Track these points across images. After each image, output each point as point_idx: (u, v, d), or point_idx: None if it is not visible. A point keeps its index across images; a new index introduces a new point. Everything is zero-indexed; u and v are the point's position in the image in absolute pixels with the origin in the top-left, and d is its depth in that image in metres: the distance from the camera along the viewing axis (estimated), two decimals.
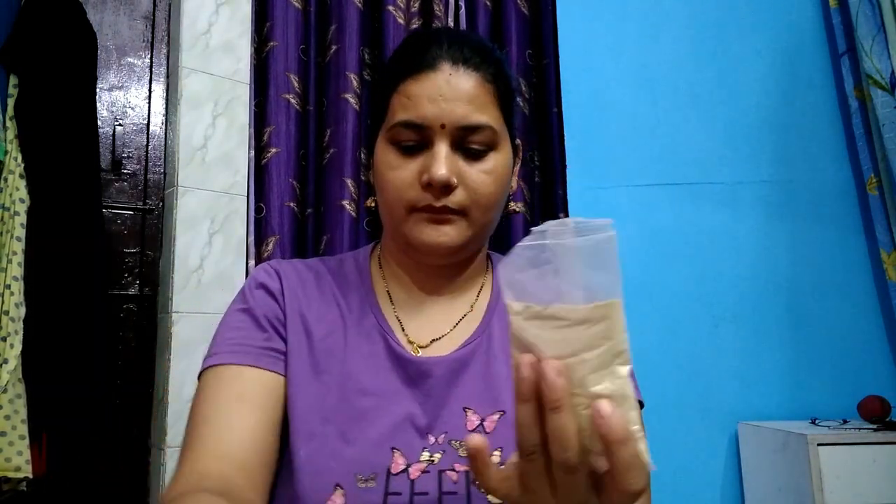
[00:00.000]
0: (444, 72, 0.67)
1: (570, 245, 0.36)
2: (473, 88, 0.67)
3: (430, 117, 0.65)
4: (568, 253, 0.36)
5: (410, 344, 0.70)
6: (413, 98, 0.67)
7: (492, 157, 0.68)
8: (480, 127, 0.66)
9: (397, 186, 0.67)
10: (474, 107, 0.66)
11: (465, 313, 0.74)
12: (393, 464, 0.62)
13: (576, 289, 0.36)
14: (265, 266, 0.74)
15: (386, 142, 0.69)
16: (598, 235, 0.36)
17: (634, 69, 2.05)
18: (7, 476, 1.24)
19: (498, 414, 0.66)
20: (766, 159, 2.06)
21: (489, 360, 0.69)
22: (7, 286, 1.29)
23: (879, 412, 1.71)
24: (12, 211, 1.33)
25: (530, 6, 1.96)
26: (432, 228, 0.66)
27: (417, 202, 0.66)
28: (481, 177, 0.67)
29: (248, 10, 1.70)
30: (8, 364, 1.26)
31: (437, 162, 0.65)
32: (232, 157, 1.63)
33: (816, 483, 1.52)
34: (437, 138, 0.66)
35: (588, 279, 0.36)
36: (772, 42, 2.12)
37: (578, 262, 0.36)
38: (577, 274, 0.36)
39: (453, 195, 0.66)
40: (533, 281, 0.37)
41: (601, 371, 0.36)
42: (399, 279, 0.75)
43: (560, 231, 0.37)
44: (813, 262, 2.01)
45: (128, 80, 1.68)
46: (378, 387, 0.66)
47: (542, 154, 1.91)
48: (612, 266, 0.36)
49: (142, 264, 1.61)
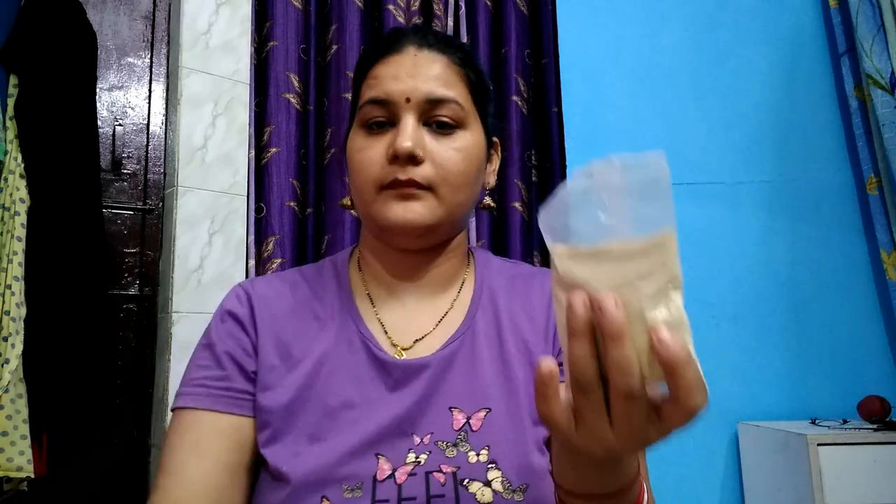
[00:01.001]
0: (409, 53, 0.69)
1: (619, 182, 0.36)
2: (439, 68, 0.68)
3: (394, 92, 0.66)
4: (616, 189, 0.36)
5: (394, 347, 0.69)
6: (379, 78, 0.68)
7: (460, 135, 0.68)
8: (446, 100, 0.67)
9: (366, 166, 0.67)
10: (440, 83, 0.67)
11: (447, 310, 0.72)
12: (378, 471, 0.61)
13: (627, 222, 0.36)
14: (237, 290, 0.73)
15: (356, 127, 0.70)
16: (648, 168, 0.36)
17: (634, 69, 2.05)
18: (9, 476, 1.24)
19: (484, 411, 0.65)
20: (765, 159, 2.06)
21: (474, 358, 0.68)
22: (7, 286, 1.29)
23: (879, 412, 1.71)
24: (12, 211, 1.33)
25: (530, 6, 1.96)
26: (400, 206, 0.65)
27: (384, 178, 0.66)
28: (449, 152, 0.67)
29: (248, 10, 1.70)
30: (9, 364, 1.26)
31: (402, 133, 0.65)
32: (232, 157, 1.63)
33: (816, 483, 1.52)
34: (402, 113, 0.66)
35: (639, 211, 0.35)
36: (772, 42, 2.12)
37: (627, 197, 0.36)
38: (627, 208, 0.36)
39: (420, 168, 0.65)
40: (579, 222, 0.37)
41: (657, 298, 0.36)
42: (377, 275, 0.74)
43: (606, 170, 0.37)
44: (813, 262, 2.01)
45: (128, 80, 1.68)
46: (363, 398, 0.65)
47: (542, 154, 1.91)
48: (664, 197, 0.36)
49: (142, 264, 1.61)
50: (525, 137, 1.87)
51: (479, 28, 1.88)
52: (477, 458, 0.62)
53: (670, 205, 0.36)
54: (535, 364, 0.39)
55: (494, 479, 0.61)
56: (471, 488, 0.60)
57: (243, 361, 0.67)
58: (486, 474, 0.61)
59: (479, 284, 0.75)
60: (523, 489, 0.61)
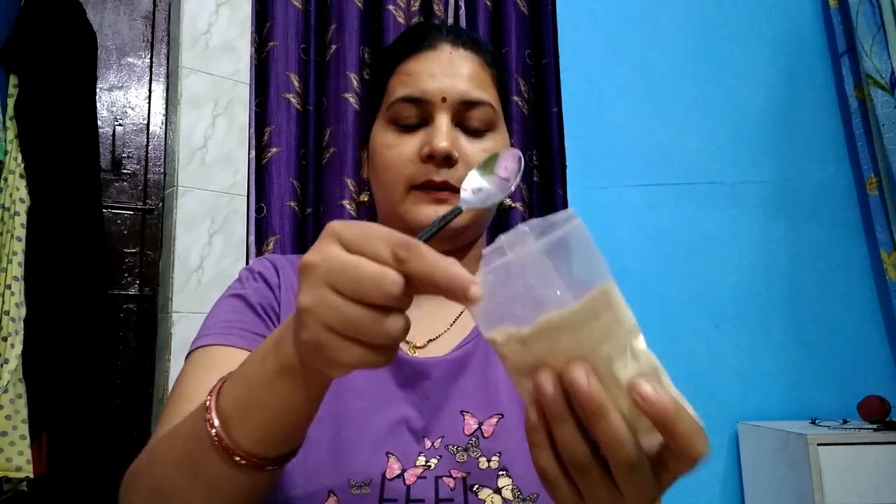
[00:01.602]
0: (444, 51, 0.67)
1: (536, 250, 0.33)
2: (474, 68, 0.67)
3: (431, 90, 0.65)
4: (536, 259, 0.33)
5: (407, 344, 0.68)
6: (413, 74, 0.66)
7: (491, 138, 0.67)
8: (481, 103, 0.66)
9: (396, 163, 0.65)
10: (475, 84, 0.66)
11: (462, 311, 0.71)
12: (388, 469, 0.60)
13: (561, 289, 0.33)
14: (262, 259, 0.71)
15: (384, 123, 0.68)
16: (562, 228, 0.34)
17: (634, 69, 2.05)
18: (8, 476, 1.24)
19: (496, 417, 0.63)
20: (765, 159, 2.06)
21: (487, 361, 0.67)
22: (7, 286, 1.29)
23: (879, 412, 1.71)
24: (12, 211, 1.33)
25: (530, 6, 1.96)
26: (431, 208, 0.64)
27: (416, 177, 0.64)
28: (482, 155, 0.65)
29: (248, 10, 1.70)
30: (9, 364, 1.26)
31: (440, 133, 0.63)
32: (232, 157, 1.63)
33: (816, 483, 1.52)
34: (437, 112, 0.65)
35: (568, 276, 0.33)
36: (772, 42, 2.12)
37: (549, 264, 0.33)
38: (554, 274, 0.33)
39: (454, 170, 0.64)
40: (507, 303, 0.34)
41: (622, 354, 0.34)
42: None
43: (517, 240, 0.35)
44: (813, 262, 2.01)
45: (128, 80, 1.68)
46: (373, 388, 0.63)
47: (542, 154, 1.91)
48: (588, 253, 0.34)
49: (142, 264, 1.61)
50: (525, 137, 1.87)
51: (479, 28, 1.88)
52: (488, 464, 0.61)
53: (598, 256, 0.34)
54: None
55: (505, 486, 0.60)
56: (480, 494, 0.59)
57: (272, 316, 0.66)
58: (497, 481, 0.60)
59: None
60: (534, 498, 0.59)
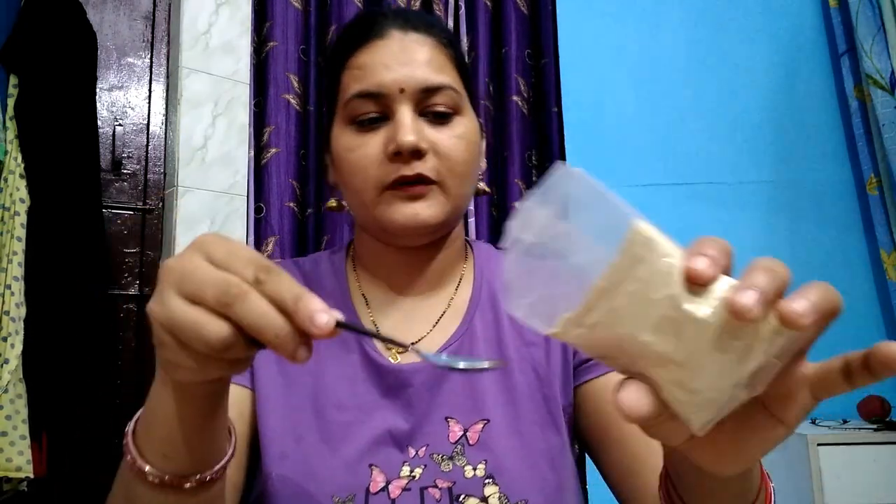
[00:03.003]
0: (394, 38, 0.63)
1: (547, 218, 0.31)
2: (429, 51, 0.63)
3: (387, 83, 0.60)
4: (552, 228, 0.31)
5: (388, 350, 0.65)
6: (365, 67, 0.62)
7: (458, 122, 0.63)
8: (442, 87, 0.62)
9: (363, 166, 0.61)
10: (432, 68, 0.62)
11: (444, 310, 0.68)
12: (372, 482, 0.58)
13: (591, 251, 0.30)
14: None
15: (343, 123, 0.63)
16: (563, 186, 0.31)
17: (634, 69, 2.05)
18: (8, 476, 1.24)
19: (482, 423, 0.61)
20: (765, 159, 2.06)
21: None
22: (7, 286, 1.29)
23: (879, 412, 1.71)
24: (12, 211, 1.33)
25: (530, 6, 1.96)
26: (407, 206, 0.60)
27: (387, 177, 0.60)
28: (453, 141, 0.62)
29: (248, 10, 1.70)
30: (9, 364, 1.26)
31: (403, 127, 0.59)
32: (232, 157, 1.63)
33: (816, 483, 1.52)
34: (397, 105, 0.61)
35: (594, 231, 0.31)
36: (772, 42, 2.12)
37: (569, 227, 0.31)
38: (580, 237, 0.31)
39: (424, 162, 0.60)
40: (547, 288, 0.31)
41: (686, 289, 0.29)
42: (373, 275, 0.69)
43: (525, 219, 0.32)
44: (813, 261, 2.00)
45: (128, 80, 1.68)
46: (355, 399, 0.61)
47: (542, 154, 1.91)
48: (601, 199, 0.31)
49: (142, 264, 1.61)
50: (525, 137, 1.87)
51: (479, 28, 1.88)
52: (474, 472, 0.59)
53: (613, 198, 0.31)
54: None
55: (491, 494, 0.58)
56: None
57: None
58: (483, 490, 0.58)
59: (477, 282, 0.70)
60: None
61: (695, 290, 0.29)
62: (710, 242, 0.31)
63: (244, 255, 0.35)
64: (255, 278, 0.34)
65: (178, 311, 0.34)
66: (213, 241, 0.36)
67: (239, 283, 0.33)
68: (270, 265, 0.35)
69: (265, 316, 0.33)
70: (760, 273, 0.29)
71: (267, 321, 0.33)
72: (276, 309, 0.33)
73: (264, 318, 0.33)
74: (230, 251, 0.35)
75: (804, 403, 0.32)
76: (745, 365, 0.29)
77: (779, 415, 0.32)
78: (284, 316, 0.33)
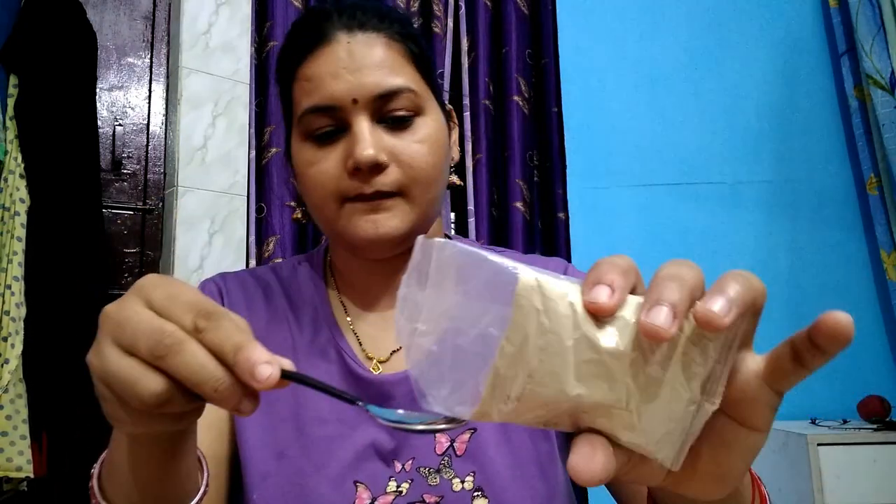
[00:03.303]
0: (341, 42, 0.58)
1: (432, 300, 0.29)
2: (379, 51, 0.58)
3: (337, 95, 0.57)
4: (440, 307, 0.29)
5: (370, 360, 0.63)
6: (314, 79, 0.58)
7: (420, 124, 0.59)
8: (398, 91, 0.58)
9: (322, 182, 0.58)
10: (385, 70, 0.58)
11: None
12: (357, 500, 0.56)
13: (485, 319, 0.28)
14: (209, 283, 0.67)
15: (299, 138, 0.60)
16: (434, 260, 0.29)
17: (634, 69, 2.05)
18: (8, 476, 1.24)
19: (469, 433, 0.59)
20: (765, 159, 2.06)
21: None
22: (7, 286, 1.29)
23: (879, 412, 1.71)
24: (12, 211, 1.33)
25: (530, 6, 1.96)
26: (369, 220, 0.58)
27: (347, 192, 0.57)
28: (414, 147, 0.58)
29: (248, 10, 1.70)
30: (9, 364, 1.26)
31: (361, 141, 0.56)
32: (232, 157, 1.63)
33: (816, 483, 1.52)
34: (351, 116, 0.57)
35: (482, 297, 0.28)
36: (772, 42, 2.12)
37: (455, 300, 0.28)
38: (470, 307, 0.28)
39: (385, 175, 0.57)
40: (457, 373, 0.29)
41: (596, 323, 0.28)
42: (349, 283, 0.67)
43: (409, 307, 0.30)
44: (813, 261, 2.01)
45: (128, 80, 1.68)
46: (337, 414, 0.59)
47: (542, 154, 1.91)
48: (479, 261, 0.28)
49: (142, 264, 1.61)
50: (525, 137, 1.87)
51: (479, 28, 1.88)
52: (462, 485, 0.58)
53: (488, 255, 0.28)
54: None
55: None
56: None
57: None
58: (472, 503, 0.57)
59: None
60: None
61: (604, 322, 0.27)
62: (606, 266, 0.29)
63: (185, 300, 0.32)
64: (193, 326, 0.31)
65: (113, 363, 0.31)
66: (154, 283, 0.34)
67: (174, 331, 0.31)
68: (212, 310, 0.32)
69: (202, 368, 0.31)
70: (665, 283, 0.27)
71: (204, 374, 0.31)
72: (216, 359, 0.31)
73: (201, 370, 0.31)
74: (170, 295, 0.33)
75: (767, 401, 0.29)
76: (690, 382, 0.27)
77: (748, 422, 0.30)
78: (225, 366, 0.31)
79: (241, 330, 0.32)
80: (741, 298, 0.27)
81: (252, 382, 0.30)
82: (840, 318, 0.26)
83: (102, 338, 0.33)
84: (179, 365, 0.31)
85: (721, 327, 0.26)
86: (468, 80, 1.86)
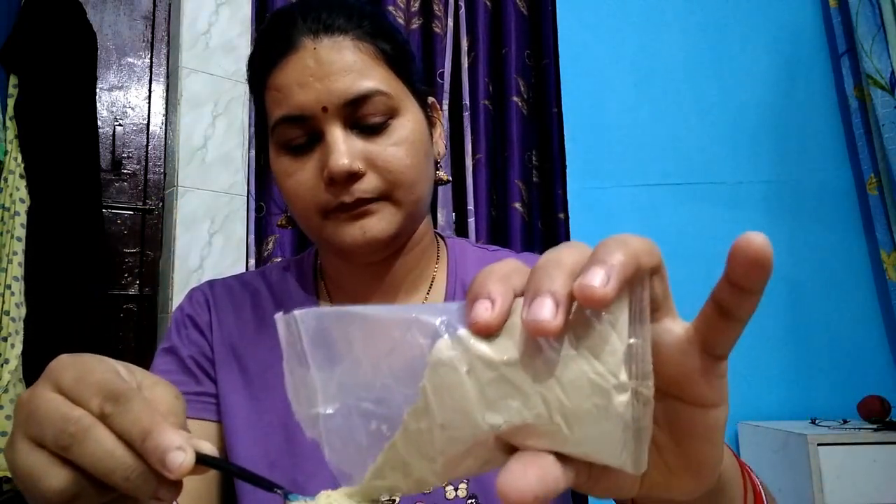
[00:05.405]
0: (307, 48, 0.56)
1: (324, 376, 0.27)
2: (346, 54, 0.56)
3: (306, 104, 0.55)
4: (334, 386, 0.27)
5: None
6: (283, 89, 0.57)
7: (396, 126, 0.58)
8: (369, 94, 0.56)
9: (301, 194, 0.58)
10: (354, 75, 0.56)
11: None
12: None
13: (386, 381, 0.26)
14: (196, 293, 0.67)
15: (275, 148, 0.60)
16: (303, 330, 0.27)
17: (634, 69, 2.05)
18: (8, 476, 1.24)
19: None
20: (765, 159, 2.06)
21: None
22: (7, 286, 1.29)
23: (879, 412, 1.71)
24: (12, 211, 1.33)
25: (530, 6, 1.96)
26: (354, 227, 0.57)
27: (327, 205, 0.57)
28: (390, 151, 0.57)
29: (248, 10, 1.70)
30: (9, 364, 1.26)
31: (335, 151, 0.55)
32: (232, 157, 1.63)
33: (816, 483, 1.52)
34: (324, 125, 0.56)
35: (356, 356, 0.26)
36: (772, 42, 2.12)
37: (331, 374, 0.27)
38: (350, 372, 0.26)
39: (363, 183, 0.56)
40: (367, 453, 0.27)
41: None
42: (339, 286, 0.67)
43: (305, 387, 0.28)
44: (813, 261, 2.01)
45: (128, 80, 1.68)
46: None
47: (542, 154, 1.91)
48: (346, 321, 0.26)
49: (142, 264, 1.61)
50: (525, 138, 1.87)
51: (478, 28, 1.88)
52: (455, 493, 0.57)
53: (353, 310, 0.26)
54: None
55: None
56: None
57: (207, 367, 0.63)
58: None
59: (451, 283, 0.66)
60: None
61: (493, 335, 0.25)
62: (482, 277, 0.26)
63: (92, 381, 0.30)
64: (100, 411, 0.29)
65: (20, 457, 0.29)
66: (64, 366, 0.31)
67: (80, 418, 0.29)
68: (120, 391, 0.29)
69: (109, 456, 0.28)
70: (541, 272, 0.25)
71: (111, 463, 0.28)
72: (126, 445, 0.29)
73: (108, 458, 0.28)
74: (78, 377, 0.30)
75: (708, 368, 0.26)
76: (608, 369, 0.24)
77: (698, 399, 0.27)
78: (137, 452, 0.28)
79: (153, 412, 0.29)
80: (621, 264, 0.24)
81: (163, 472, 0.28)
82: (751, 240, 0.24)
83: (15, 430, 0.30)
84: (84, 454, 0.28)
85: (605, 300, 0.23)
86: (468, 81, 1.86)
